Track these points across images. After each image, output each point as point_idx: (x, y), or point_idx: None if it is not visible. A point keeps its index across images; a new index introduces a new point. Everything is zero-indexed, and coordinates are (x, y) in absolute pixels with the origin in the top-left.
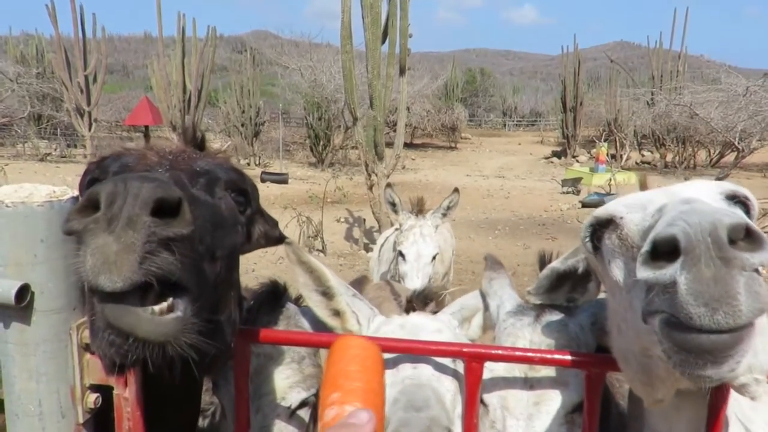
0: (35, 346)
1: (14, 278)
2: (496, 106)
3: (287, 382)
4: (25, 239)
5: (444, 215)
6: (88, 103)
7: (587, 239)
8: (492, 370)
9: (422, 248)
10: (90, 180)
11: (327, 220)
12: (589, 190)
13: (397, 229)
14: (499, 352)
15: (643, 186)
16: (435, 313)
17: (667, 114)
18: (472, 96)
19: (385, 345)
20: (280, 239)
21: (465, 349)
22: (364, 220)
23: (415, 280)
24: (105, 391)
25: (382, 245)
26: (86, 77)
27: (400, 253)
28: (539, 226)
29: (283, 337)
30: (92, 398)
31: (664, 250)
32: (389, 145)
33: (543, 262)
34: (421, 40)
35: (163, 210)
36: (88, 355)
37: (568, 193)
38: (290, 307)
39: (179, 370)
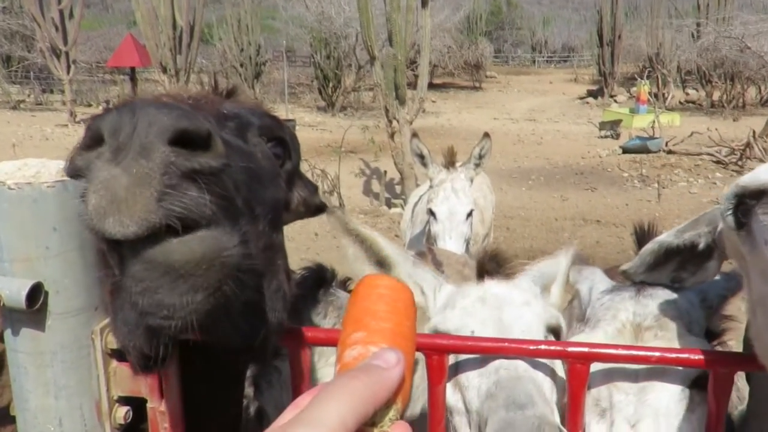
0: (52, 356)
1: (24, 276)
2: (524, 41)
3: None
4: (35, 228)
5: (477, 165)
6: (65, 42)
7: (729, 213)
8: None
9: (455, 205)
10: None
11: (342, 173)
12: (630, 134)
13: (431, 187)
14: (611, 351)
15: None
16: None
17: (714, 47)
18: (498, 29)
19: (475, 347)
20: (321, 208)
21: (570, 349)
22: (385, 172)
23: (448, 242)
24: (136, 403)
25: (416, 204)
26: (61, 12)
27: (431, 212)
28: (577, 175)
29: (326, 339)
30: (122, 412)
31: None
32: (410, 86)
33: (641, 236)
34: None
35: (185, 145)
36: (114, 363)
37: (606, 137)
38: (340, 295)
39: (228, 358)
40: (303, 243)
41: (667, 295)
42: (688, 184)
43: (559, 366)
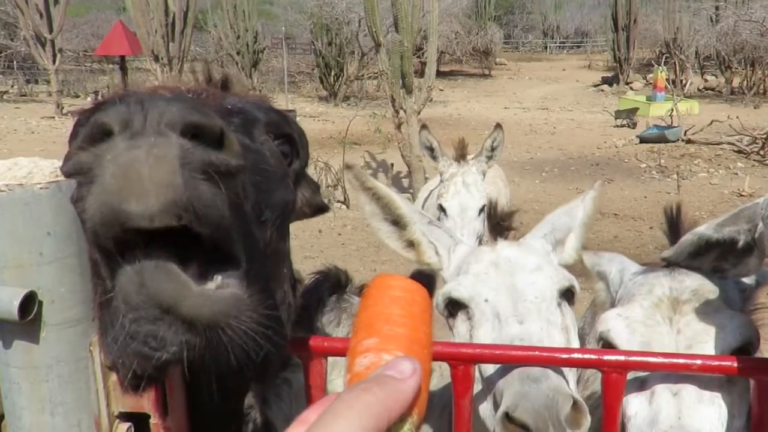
0: (47, 370)
1: (16, 284)
2: (535, 26)
3: None
4: (27, 233)
5: (489, 158)
6: (50, 30)
7: None
8: (627, 317)
9: (466, 200)
10: None
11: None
12: (647, 123)
13: (441, 181)
14: (650, 359)
15: None
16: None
17: (734, 31)
18: (508, 14)
19: (503, 356)
20: (323, 208)
21: (605, 358)
22: (392, 164)
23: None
24: (138, 420)
25: (426, 200)
26: None
27: (441, 208)
28: (592, 166)
29: (344, 349)
30: (123, 429)
31: None
32: (417, 74)
33: (671, 220)
34: None
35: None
36: (115, 377)
37: (622, 126)
38: (355, 302)
39: (226, 377)
40: (306, 240)
41: (704, 275)
42: (709, 174)
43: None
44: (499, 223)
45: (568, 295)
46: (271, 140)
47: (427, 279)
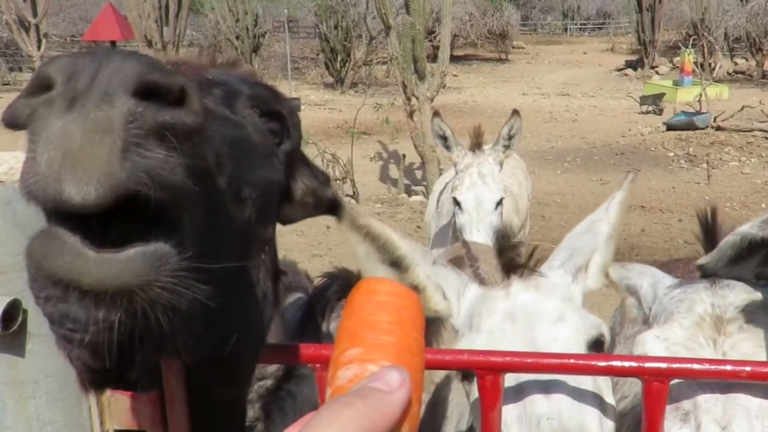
0: (34, 385)
1: None
2: (554, 6)
3: None
4: (9, 235)
5: (506, 147)
6: (34, 14)
7: None
8: (666, 338)
9: (482, 192)
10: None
11: (355, 157)
12: (674, 109)
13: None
14: (695, 366)
15: None
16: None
17: (765, 12)
18: None
19: (535, 364)
20: (334, 203)
21: (647, 365)
22: (404, 155)
23: (474, 235)
24: None
25: (441, 193)
26: None
27: (455, 201)
28: (617, 156)
29: None
30: None
31: None
32: (429, 58)
33: (706, 225)
34: None
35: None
36: (109, 392)
37: (648, 113)
38: None
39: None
40: (314, 237)
41: (747, 287)
42: (740, 163)
43: (607, 390)
44: (513, 260)
45: (597, 346)
46: (256, 115)
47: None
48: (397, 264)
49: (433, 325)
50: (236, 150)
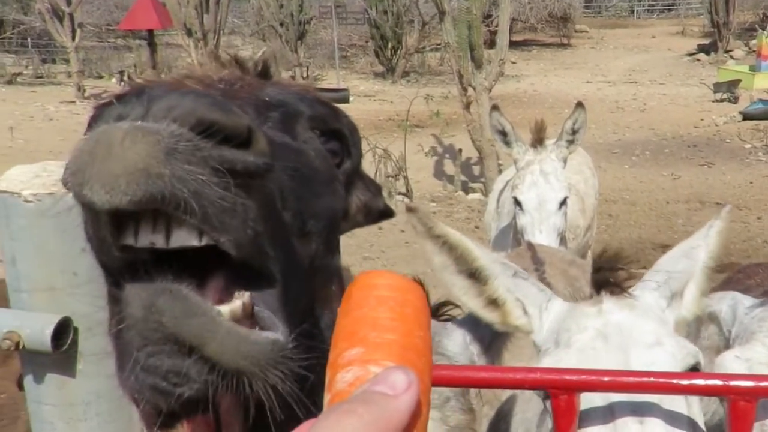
0: (85, 407)
1: (47, 310)
2: None
3: None
4: (59, 250)
5: (570, 142)
6: (68, 2)
7: None
8: (748, 359)
9: (545, 191)
10: None
11: (408, 153)
12: (751, 97)
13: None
14: None
15: None
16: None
17: None
18: None
19: (613, 383)
20: (386, 213)
21: (733, 383)
22: (460, 150)
23: (537, 237)
24: None
25: (501, 192)
26: None
27: (516, 201)
28: (689, 148)
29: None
30: None
31: None
32: (486, 45)
33: None
34: None
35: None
36: None
37: (723, 101)
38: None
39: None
40: (365, 239)
41: None
42: None
43: (700, 417)
44: (608, 280)
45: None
46: (316, 138)
47: None
48: (475, 276)
49: (499, 340)
50: (299, 181)
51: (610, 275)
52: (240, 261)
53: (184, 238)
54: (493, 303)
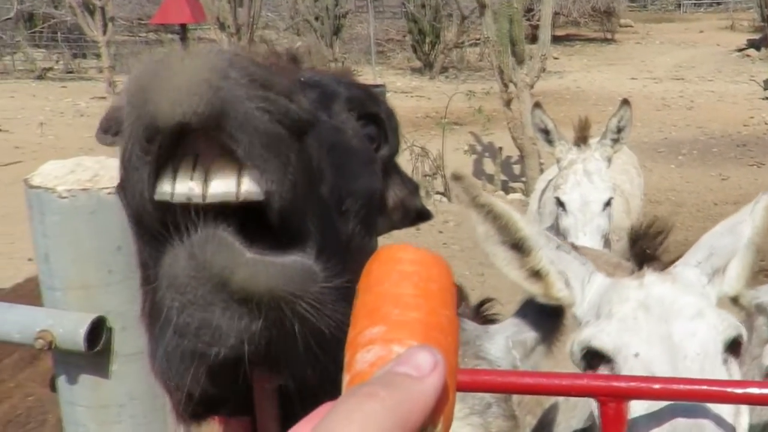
0: (119, 409)
1: (81, 309)
2: None
3: None
4: (94, 248)
5: (615, 141)
6: None
7: None
8: None
9: (588, 192)
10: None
11: (447, 151)
12: None
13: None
14: None
15: None
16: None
17: None
18: None
19: (664, 391)
20: (423, 214)
21: None
22: (500, 148)
23: (581, 239)
24: None
25: (543, 191)
26: None
27: (559, 201)
28: (738, 148)
29: (470, 382)
30: None
31: None
32: (527, 39)
33: None
34: None
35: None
36: None
37: None
38: (467, 326)
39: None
40: (402, 239)
41: None
42: None
43: (744, 410)
44: (645, 251)
45: (735, 347)
46: (353, 119)
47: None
48: (518, 246)
49: (542, 345)
50: (337, 157)
51: (647, 245)
52: (277, 218)
53: (223, 186)
54: (536, 275)
